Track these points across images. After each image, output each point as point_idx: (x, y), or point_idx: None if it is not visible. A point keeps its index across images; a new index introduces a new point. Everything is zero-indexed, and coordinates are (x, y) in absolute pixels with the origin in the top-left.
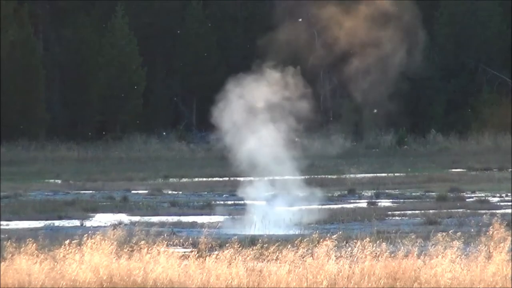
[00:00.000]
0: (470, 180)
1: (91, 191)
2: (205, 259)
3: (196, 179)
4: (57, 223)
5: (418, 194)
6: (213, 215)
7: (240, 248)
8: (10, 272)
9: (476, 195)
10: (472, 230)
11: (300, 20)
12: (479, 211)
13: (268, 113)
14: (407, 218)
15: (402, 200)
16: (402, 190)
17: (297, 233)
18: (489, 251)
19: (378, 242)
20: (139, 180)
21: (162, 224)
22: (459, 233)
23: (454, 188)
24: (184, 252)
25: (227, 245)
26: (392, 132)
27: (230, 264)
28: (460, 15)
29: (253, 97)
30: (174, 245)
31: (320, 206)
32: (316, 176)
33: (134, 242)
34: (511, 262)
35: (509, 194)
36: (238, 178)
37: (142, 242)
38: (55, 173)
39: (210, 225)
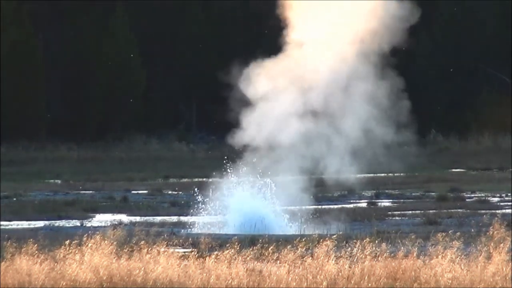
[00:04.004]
0: (470, 180)
1: (91, 191)
2: (205, 259)
3: (196, 179)
4: (57, 223)
5: (418, 194)
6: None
7: (240, 248)
8: (10, 272)
9: (476, 195)
10: (472, 230)
11: None
12: (479, 211)
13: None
14: (407, 218)
15: (402, 200)
16: (402, 190)
17: (297, 233)
18: (489, 251)
19: (378, 242)
20: (139, 180)
21: (162, 224)
22: (459, 233)
23: (454, 188)
24: (184, 252)
25: (227, 245)
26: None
27: (230, 264)
28: (460, 15)
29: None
30: (174, 245)
31: (319, 206)
32: (315, 176)
33: (134, 242)
34: (511, 262)
35: (509, 194)
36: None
37: (142, 242)
38: (55, 173)
39: (210, 225)
